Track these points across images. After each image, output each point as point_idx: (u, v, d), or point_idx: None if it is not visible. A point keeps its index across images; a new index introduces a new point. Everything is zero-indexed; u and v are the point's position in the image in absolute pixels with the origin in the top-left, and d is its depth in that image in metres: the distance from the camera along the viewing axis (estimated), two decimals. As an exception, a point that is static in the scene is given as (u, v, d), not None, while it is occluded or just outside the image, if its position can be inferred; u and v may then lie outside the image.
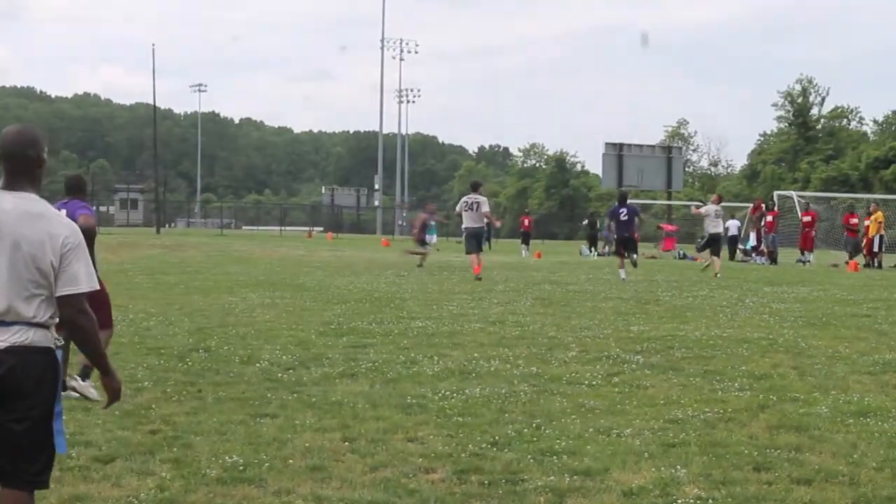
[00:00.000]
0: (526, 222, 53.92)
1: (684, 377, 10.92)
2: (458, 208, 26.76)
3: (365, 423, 8.60)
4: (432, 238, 54.11)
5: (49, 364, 4.69)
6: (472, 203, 25.73)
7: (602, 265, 32.76)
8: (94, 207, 11.36)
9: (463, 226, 26.31)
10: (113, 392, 5.09)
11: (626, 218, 26.70)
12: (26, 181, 4.74)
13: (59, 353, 4.81)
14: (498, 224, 37.34)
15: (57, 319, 4.75)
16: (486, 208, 26.04)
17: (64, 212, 9.95)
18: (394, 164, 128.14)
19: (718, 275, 27.31)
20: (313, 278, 25.40)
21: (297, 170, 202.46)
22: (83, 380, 9.58)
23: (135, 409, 9.13)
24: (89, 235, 9.94)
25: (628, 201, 27.77)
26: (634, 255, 26.91)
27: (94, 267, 10.13)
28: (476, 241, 25.93)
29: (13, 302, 4.59)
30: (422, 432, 8.27)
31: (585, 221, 55.26)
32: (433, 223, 44.57)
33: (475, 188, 26.78)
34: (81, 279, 4.72)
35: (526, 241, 51.61)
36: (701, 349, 12.83)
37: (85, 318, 4.75)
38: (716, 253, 29.25)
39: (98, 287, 4.90)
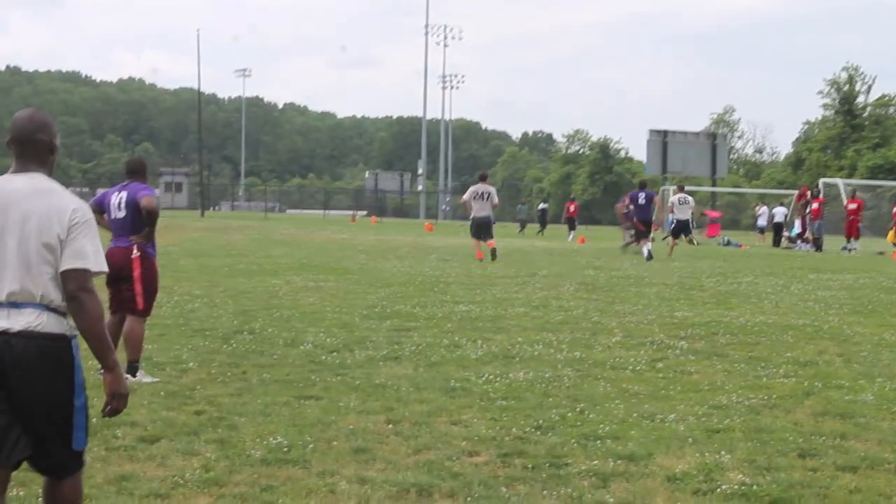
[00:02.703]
0: (571, 208, 53.98)
1: (728, 363, 10.87)
2: (465, 197, 27.53)
3: (409, 405, 8.60)
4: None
5: (64, 352, 4.50)
6: (482, 193, 26.73)
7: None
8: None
9: (472, 215, 26.96)
10: (114, 396, 4.65)
11: (644, 202, 30.17)
12: (37, 165, 4.65)
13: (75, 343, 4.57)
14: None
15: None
16: (496, 199, 27.16)
17: (125, 193, 9.97)
18: (437, 150, 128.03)
19: (672, 255, 30.41)
20: (357, 262, 25.48)
21: (340, 154, 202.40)
22: (133, 376, 9.49)
23: (180, 389, 9.18)
24: (152, 216, 9.97)
25: (648, 189, 30.92)
26: (649, 239, 29.56)
27: (154, 248, 10.19)
28: (483, 228, 26.67)
29: (24, 282, 4.45)
30: (465, 415, 8.26)
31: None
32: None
33: (483, 179, 27.83)
34: (89, 255, 4.53)
35: (571, 227, 51.70)
36: (745, 335, 12.77)
37: (89, 298, 4.50)
38: (676, 235, 32.60)
39: (107, 270, 4.68)
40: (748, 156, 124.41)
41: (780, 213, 46.94)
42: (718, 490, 6.32)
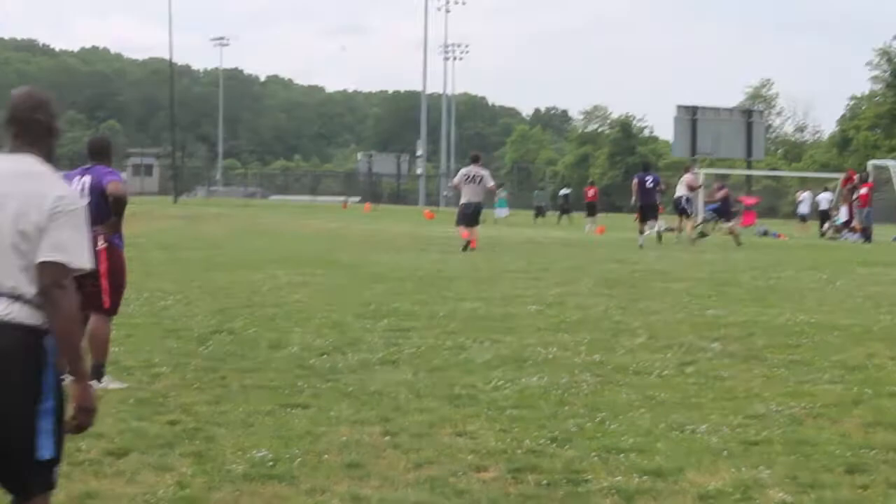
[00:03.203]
0: (590, 193, 54.07)
1: (767, 368, 10.85)
2: (455, 180, 28.05)
3: (408, 415, 8.60)
4: (503, 211, 54.85)
5: (34, 346, 4.39)
6: (473, 176, 27.01)
7: (671, 241, 32.58)
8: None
9: (462, 200, 27.33)
10: (81, 410, 4.54)
11: (651, 185, 31.53)
12: (32, 147, 4.60)
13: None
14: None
15: None
16: (490, 182, 27.54)
17: (89, 178, 9.89)
18: (438, 128, 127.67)
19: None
20: (349, 254, 25.48)
21: (329, 133, 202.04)
22: (99, 381, 9.47)
23: (151, 396, 9.18)
24: (119, 203, 9.90)
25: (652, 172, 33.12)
26: (656, 225, 31.48)
27: (121, 240, 10.13)
28: (467, 218, 27.05)
29: None
30: (471, 426, 8.25)
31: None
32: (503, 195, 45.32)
33: (476, 160, 27.95)
34: (69, 249, 4.44)
35: (590, 214, 51.79)
36: (785, 336, 12.75)
37: (63, 296, 4.40)
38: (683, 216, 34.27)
39: (91, 267, 4.59)
40: (787, 135, 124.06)
41: (825, 199, 46.87)
42: (756, 509, 6.33)
